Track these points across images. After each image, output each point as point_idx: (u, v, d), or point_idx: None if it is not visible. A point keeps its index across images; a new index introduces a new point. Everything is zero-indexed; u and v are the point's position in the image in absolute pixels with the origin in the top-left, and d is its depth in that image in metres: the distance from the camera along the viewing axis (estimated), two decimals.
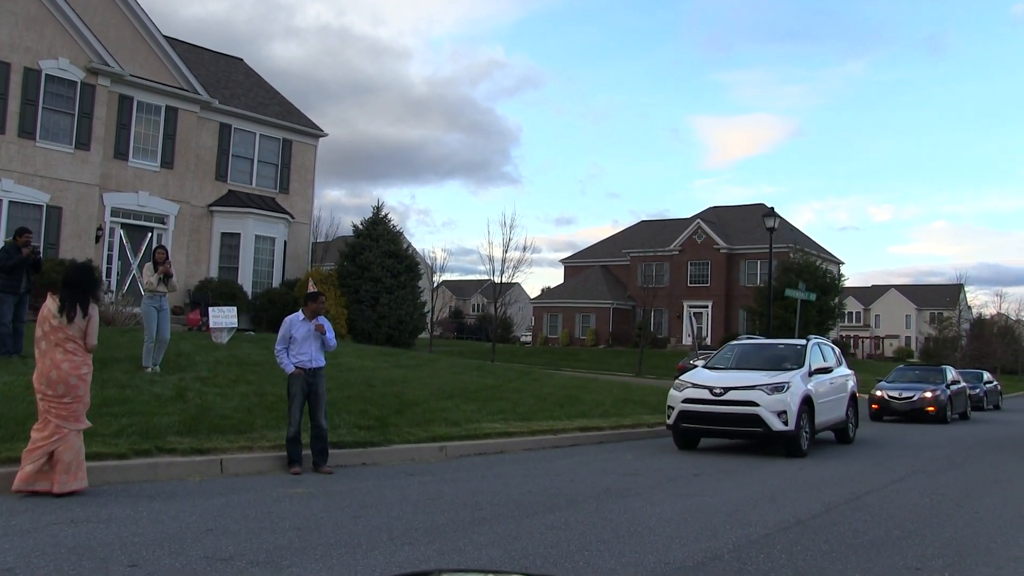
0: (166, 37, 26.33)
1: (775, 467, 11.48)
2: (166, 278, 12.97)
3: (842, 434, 15.12)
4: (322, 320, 9.83)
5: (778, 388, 12.34)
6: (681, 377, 13.63)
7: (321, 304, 9.87)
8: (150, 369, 12.76)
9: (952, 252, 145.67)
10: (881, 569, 5.91)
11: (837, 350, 16.02)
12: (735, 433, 12.99)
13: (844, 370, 15.53)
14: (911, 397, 22.41)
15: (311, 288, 11.52)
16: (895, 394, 22.77)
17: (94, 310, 7.55)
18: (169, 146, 25.81)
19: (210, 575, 5.08)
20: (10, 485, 7.14)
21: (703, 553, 6.13)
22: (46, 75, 22.30)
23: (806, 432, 12.61)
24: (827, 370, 14.06)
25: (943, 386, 22.90)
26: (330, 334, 9.85)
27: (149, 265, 13.19)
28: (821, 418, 13.37)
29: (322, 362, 9.73)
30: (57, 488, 7.07)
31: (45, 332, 7.38)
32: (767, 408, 12.14)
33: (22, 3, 21.90)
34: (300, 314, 9.73)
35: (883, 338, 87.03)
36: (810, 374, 13.22)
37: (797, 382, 12.63)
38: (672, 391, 13.31)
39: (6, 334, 12.55)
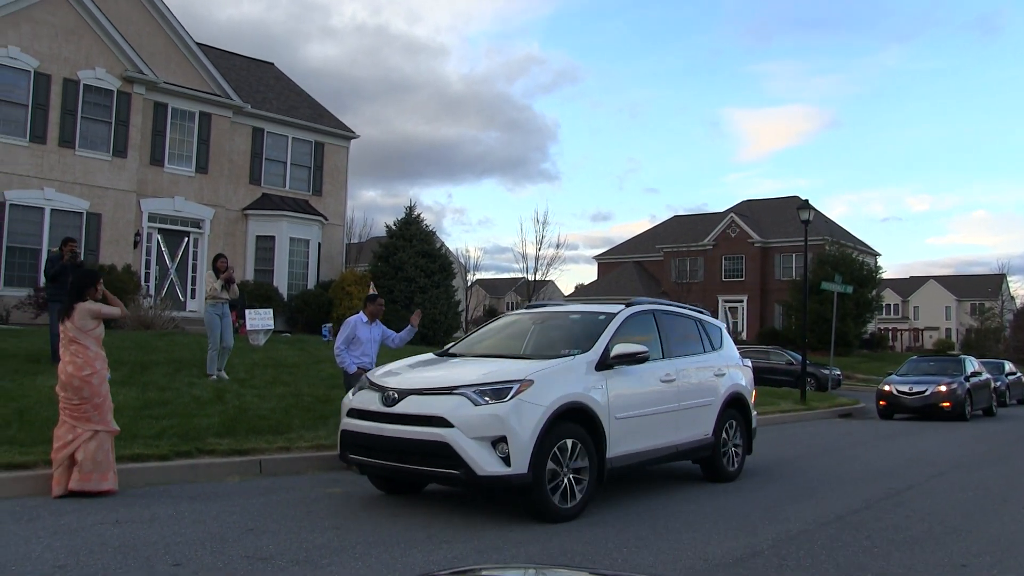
0: (198, 44, 26.68)
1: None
2: (227, 284, 12.96)
3: (709, 465, 9.22)
4: (380, 326, 10.18)
5: (496, 392, 6.71)
6: (368, 373, 8.12)
7: (380, 306, 10.12)
8: (215, 376, 12.85)
9: (993, 242, 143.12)
10: (925, 565, 5.83)
11: (718, 326, 10.19)
12: (418, 475, 7.14)
13: (717, 358, 9.56)
14: (923, 392, 19.96)
15: (372, 291, 11.69)
16: (905, 388, 20.30)
17: (84, 306, 7.53)
18: (203, 151, 26.15)
19: (251, 574, 5.15)
20: (54, 486, 7.30)
21: (742, 549, 6.09)
22: (84, 85, 22.71)
23: (570, 476, 6.89)
24: (636, 357, 7.71)
25: (960, 378, 20.45)
26: (396, 333, 10.31)
27: (210, 273, 13.19)
28: (632, 445, 7.70)
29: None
30: (70, 486, 7.19)
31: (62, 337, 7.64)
32: (466, 431, 6.55)
33: (61, 16, 22.31)
34: (362, 315, 9.98)
35: (922, 330, 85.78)
36: (603, 365, 7.52)
37: (553, 380, 7.02)
38: (347, 395, 7.95)
39: (56, 342, 12.69)
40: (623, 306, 8.75)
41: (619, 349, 7.69)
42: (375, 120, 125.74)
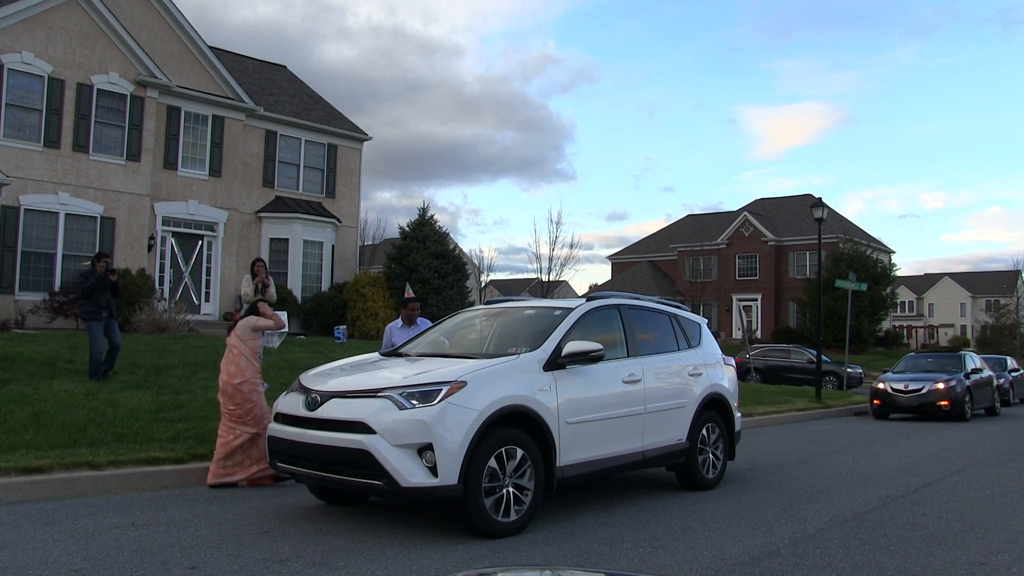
0: (211, 47, 26.79)
1: None
2: (263, 288, 12.81)
3: (684, 473, 8.55)
4: (422, 322, 10.11)
5: (424, 395, 6.16)
6: (302, 374, 7.37)
7: (413, 310, 10.16)
8: None
9: (1009, 238, 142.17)
10: (942, 563, 5.78)
11: (697, 322, 9.43)
12: (346, 485, 6.46)
13: (693, 356, 8.81)
14: (919, 390, 18.88)
15: (407, 294, 11.67)
16: (900, 387, 19.22)
17: (246, 320, 8.71)
18: (217, 154, 26.25)
19: None
20: (73, 488, 7.39)
21: (759, 548, 6.06)
22: (98, 89, 22.82)
23: (512, 487, 6.30)
24: (589, 355, 7.03)
25: (959, 376, 19.35)
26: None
27: (247, 277, 13.06)
28: (588, 452, 7.06)
29: None
30: (210, 480, 8.11)
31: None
32: (389, 438, 5.99)
33: (75, 21, 22.45)
34: (399, 320, 10.06)
35: (937, 327, 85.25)
36: (554, 364, 6.89)
37: (491, 381, 6.42)
38: (280, 397, 7.29)
39: (99, 359, 12.31)
40: (583, 300, 8.12)
41: (571, 347, 7.01)
42: (390, 121, 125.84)
